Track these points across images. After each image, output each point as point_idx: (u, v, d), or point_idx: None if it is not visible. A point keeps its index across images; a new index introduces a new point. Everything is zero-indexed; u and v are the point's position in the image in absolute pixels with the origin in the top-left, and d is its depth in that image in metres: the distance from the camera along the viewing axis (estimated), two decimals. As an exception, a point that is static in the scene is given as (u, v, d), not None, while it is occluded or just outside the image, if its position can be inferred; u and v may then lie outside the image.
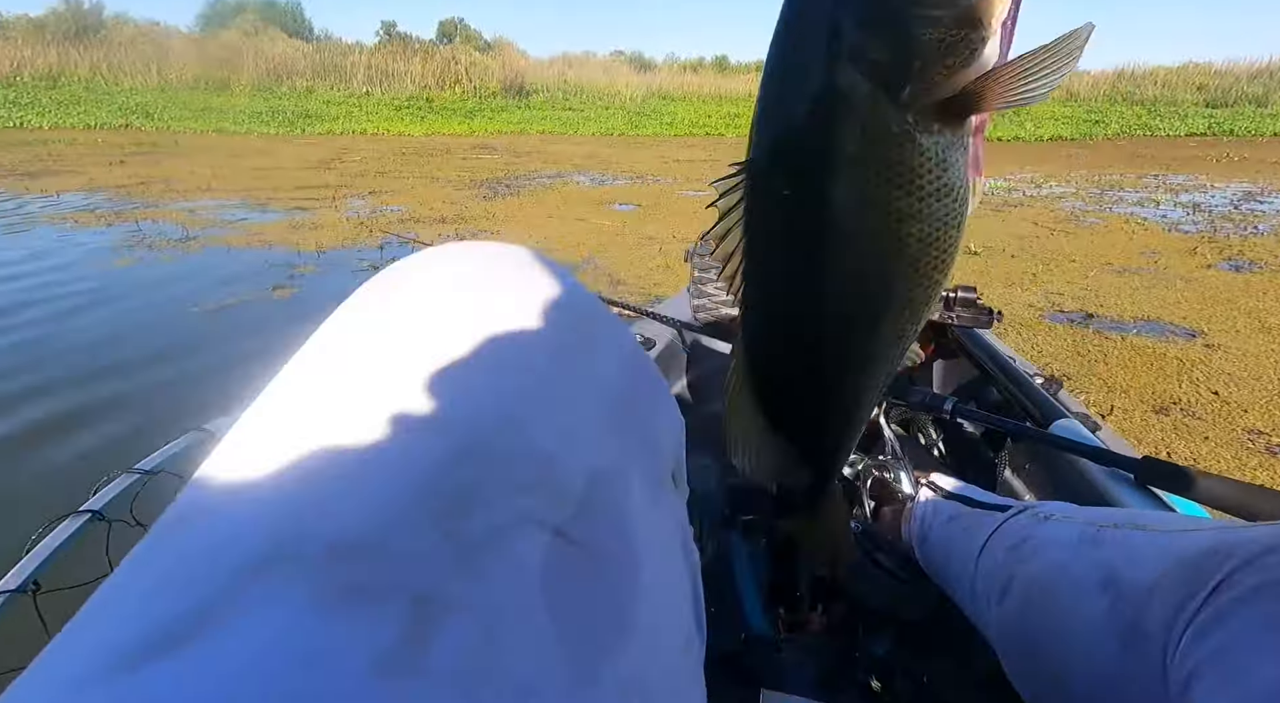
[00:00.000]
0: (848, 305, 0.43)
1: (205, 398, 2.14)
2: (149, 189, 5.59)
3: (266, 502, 0.21)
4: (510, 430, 0.24)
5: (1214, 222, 4.98)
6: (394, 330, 0.26)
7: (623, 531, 0.26)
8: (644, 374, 0.34)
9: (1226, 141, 12.07)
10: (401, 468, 0.21)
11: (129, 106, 12.61)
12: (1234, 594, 0.34)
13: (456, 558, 0.20)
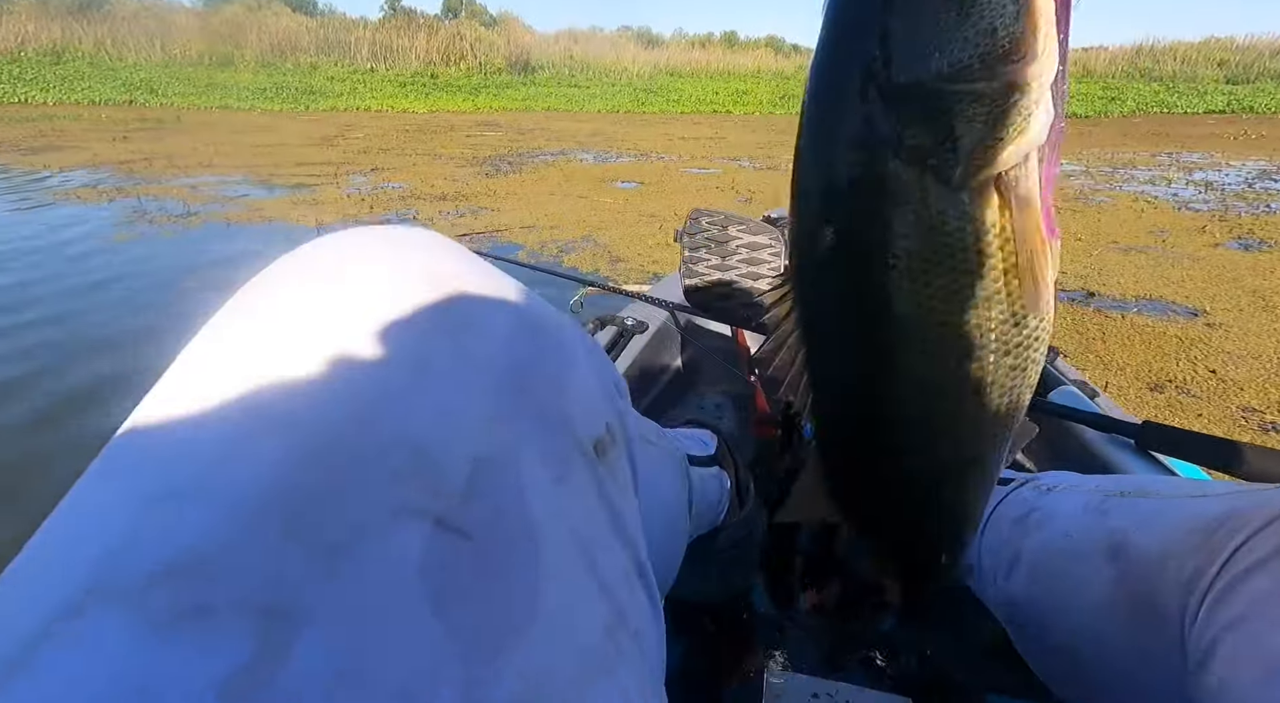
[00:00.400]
0: (931, 411, 0.40)
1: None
2: (152, 165, 5.60)
3: (92, 524, 0.19)
4: (373, 422, 0.22)
5: (1226, 200, 4.90)
6: (250, 338, 0.25)
7: (518, 512, 0.24)
8: (545, 341, 0.31)
9: (1245, 119, 11.81)
10: (246, 475, 0.20)
11: (133, 82, 12.58)
12: (1250, 561, 0.34)
13: (310, 563, 0.19)
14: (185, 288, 2.86)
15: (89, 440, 1.72)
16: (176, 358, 0.24)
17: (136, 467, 0.21)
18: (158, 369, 0.23)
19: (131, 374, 2.05)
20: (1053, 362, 1.20)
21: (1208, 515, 0.38)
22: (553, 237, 3.87)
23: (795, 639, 0.76)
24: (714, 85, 19.76)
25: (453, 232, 3.92)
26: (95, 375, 2.08)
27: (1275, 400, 1.93)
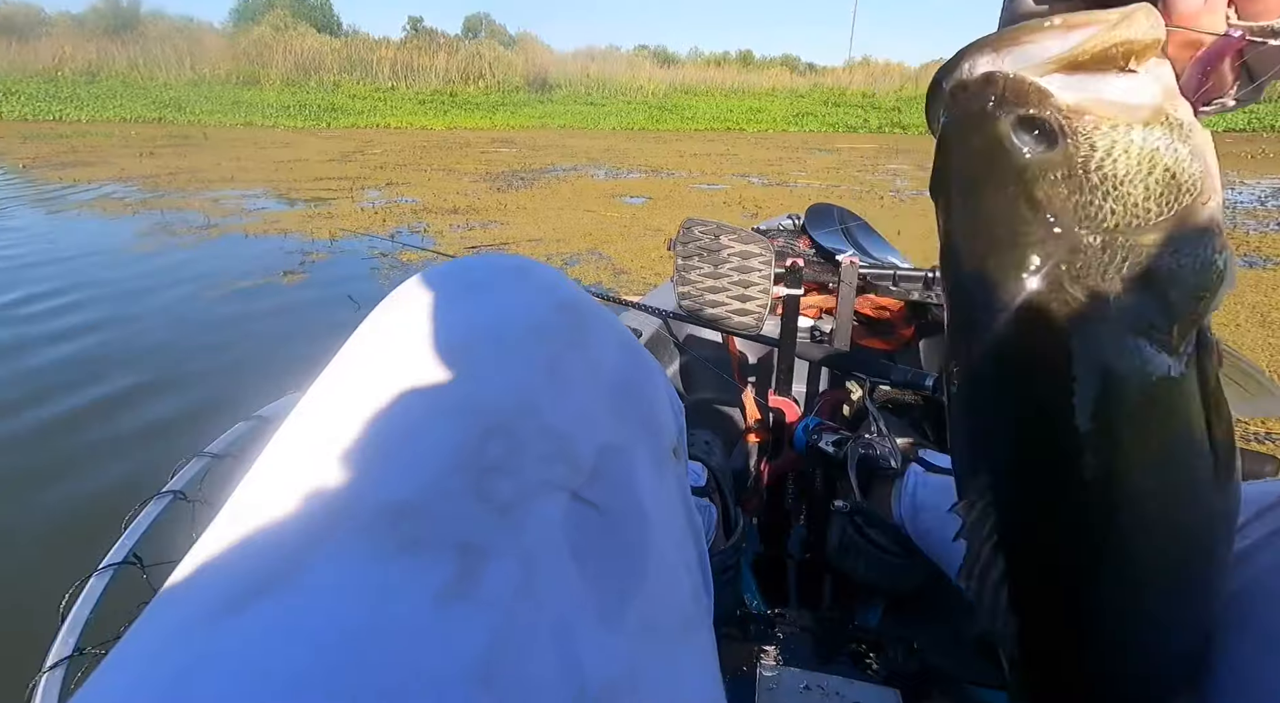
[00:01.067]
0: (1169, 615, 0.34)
1: (209, 370, 2.26)
2: (176, 179, 5.80)
3: (324, 477, 0.26)
4: (527, 413, 0.29)
5: (1236, 218, 4.88)
6: (418, 335, 0.31)
7: (631, 494, 0.31)
8: (641, 362, 0.39)
9: (1266, 137, 11.73)
10: (438, 445, 0.27)
11: (162, 100, 13.00)
12: (1247, 544, 0.37)
13: (491, 516, 0.25)
14: (197, 294, 2.98)
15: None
16: (357, 348, 0.32)
17: (351, 433, 0.27)
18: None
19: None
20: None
21: None
22: (559, 249, 3.96)
23: (787, 635, 0.79)
24: (729, 103, 19.98)
25: (461, 244, 4.02)
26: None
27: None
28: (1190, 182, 0.30)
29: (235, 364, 2.32)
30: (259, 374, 2.20)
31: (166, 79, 16.36)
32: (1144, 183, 0.30)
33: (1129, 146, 0.30)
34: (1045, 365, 0.32)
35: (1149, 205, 0.30)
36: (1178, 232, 0.30)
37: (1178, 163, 0.30)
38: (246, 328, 2.61)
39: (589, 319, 0.37)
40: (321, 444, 0.27)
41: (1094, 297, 0.30)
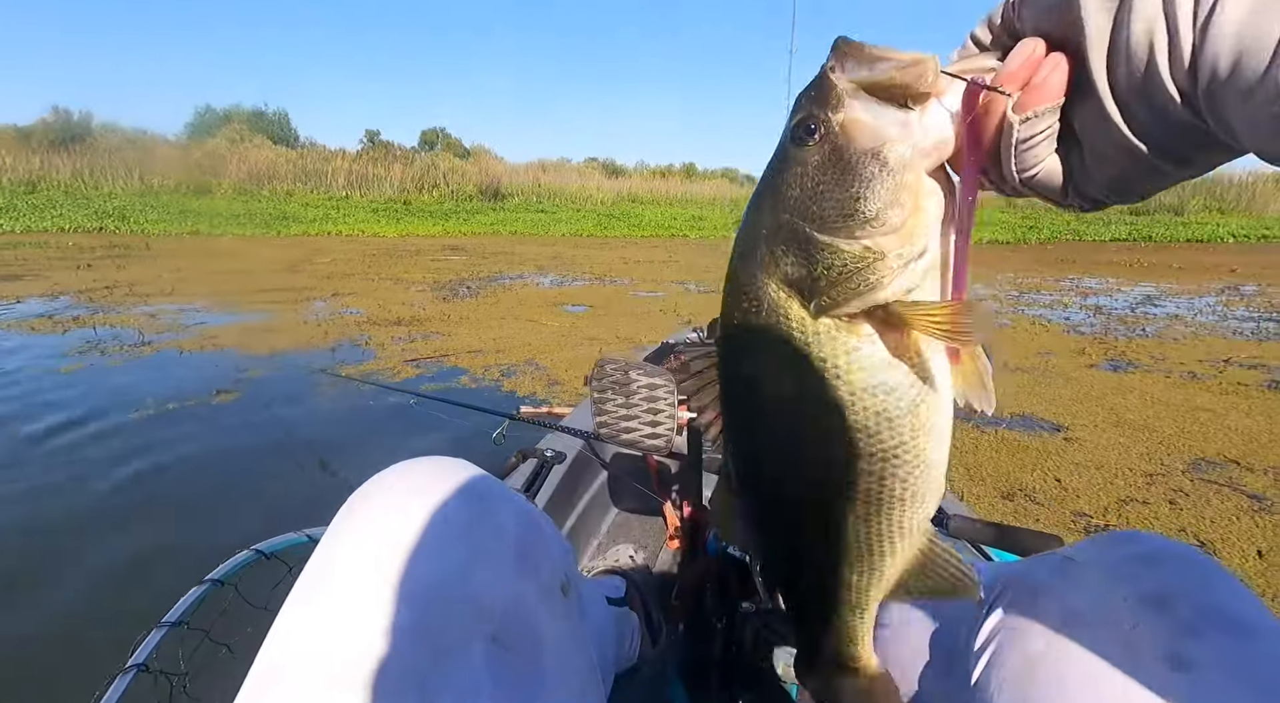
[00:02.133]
0: (804, 485, 0.45)
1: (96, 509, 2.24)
2: (112, 294, 5.77)
3: (320, 643, 0.43)
4: (455, 585, 0.47)
5: (1110, 324, 5.46)
6: (377, 537, 0.48)
7: (533, 631, 0.51)
8: (533, 523, 0.57)
9: (1144, 247, 13.14)
10: (398, 620, 0.43)
11: (105, 210, 12.97)
12: (1001, 606, 0.55)
13: (434, 660, 0.42)
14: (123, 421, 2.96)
15: None
16: (332, 549, 0.48)
17: (338, 613, 0.45)
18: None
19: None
20: None
21: (986, 581, 0.59)
22: (497, 361, 4.12)
23: None
24: (673, 211, 21.25)
25: (402, 356, 4.14)
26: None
27: (1103, 506, 2.19)
28: (876, 207, 0.37)
29: (142, 504, 2.22)
30: (166, 511, 2.17)
31: (112, 189, 16.38)
32: (842, 192, 0.37)
33: (848, 161, 0.37)
34: (739, 306, 0.42)
35: (835, 213, 0.37)
36: (846, 242, 0.37)
37: (873, 189, 0.36)
38: (158, 458, 2.54)
39: (495, 502, 0.54)
40: (318, 618, 0.44)
41: (776, 265, 0.39)
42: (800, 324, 0.40)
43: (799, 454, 0.44)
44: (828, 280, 0.38)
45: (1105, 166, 0.34)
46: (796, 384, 0.41)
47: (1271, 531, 2.03)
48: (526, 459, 1.48)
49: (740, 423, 0.46)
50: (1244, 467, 2.49)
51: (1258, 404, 3.24)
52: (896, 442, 0.41)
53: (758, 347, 0.42)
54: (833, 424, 0.41)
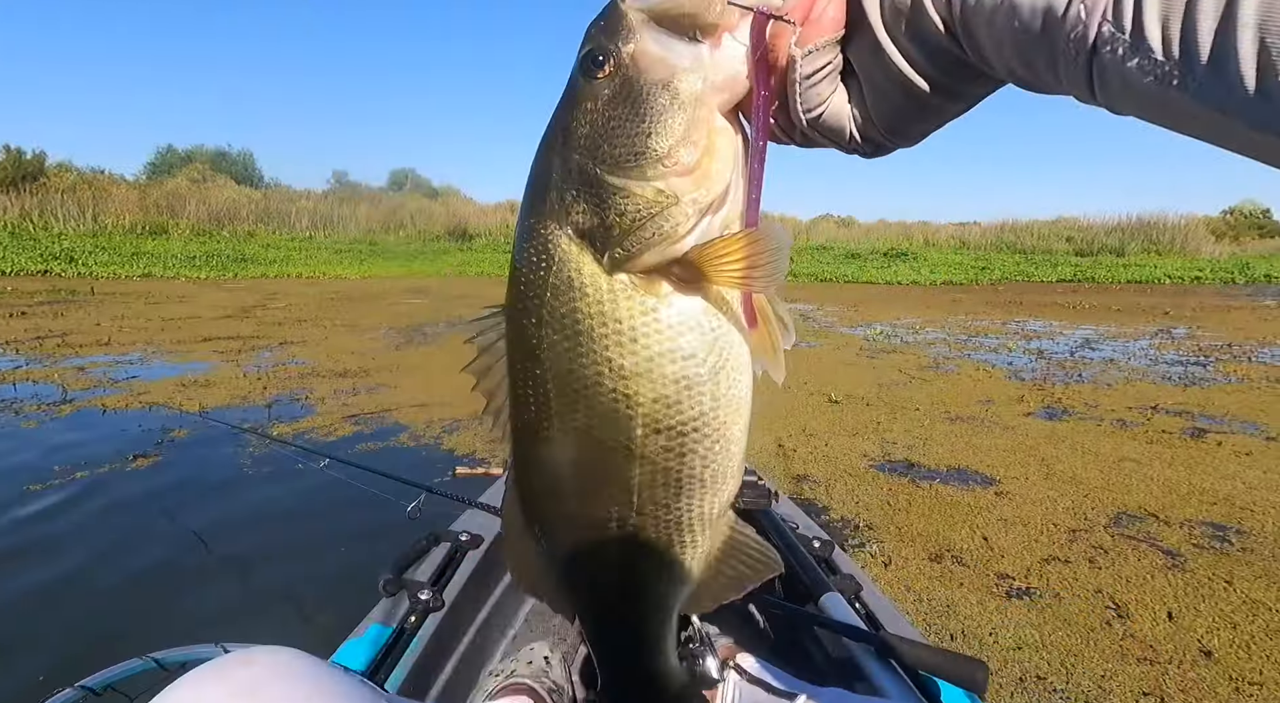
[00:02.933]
0: (600, 465, 0.42)
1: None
2: (43, 345, 5.55)
3: None
4: None
5: (1049, 369, 5.63)
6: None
7: None
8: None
9: (1088, 288, 13.70)
10: None
11: (52, 252, 12.59)
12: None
13: None
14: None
15: None
16: None
17: None
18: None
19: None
20: (829, 555, 1.39)
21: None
22: (442, 415, 4.04)
23: None
24: (636, 253, 21.49)
25: (343, 412, 4.03)
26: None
27: (1026, 567, 2.21)
28: (668, 143, 0.35)
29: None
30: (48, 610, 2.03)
31: (62, 230, 15.95)
32: (633, 127, 0.35)
33: (639, 94, 0.35)
34: (528, 262, 0.39)
35: (627, 151, 0.35)
36: (638, 183, 0.35)
37: (665, 123, 0.35)
38: (56, 538, 2.38)
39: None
40: None
41: (567, 213, 0.37)
42: (594, 281, 0.37)
43: (593, 430, 0.40)
44: (621, 229, 0.36)
45: (882, 104, 0.35)
46: (590, 350, 0.38)
47: (1183, 590, 2.07)
48: (439, 543, 1.42)
49: (528, 396, 0.42)
50: (1162, 520, 2.55)
51: (1179, 454, 3.34)
52: (697, 412, 0.39)
53: (547, 309, 0.38)
54: (630, 393, 0.38)
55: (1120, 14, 0.25)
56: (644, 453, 0.40)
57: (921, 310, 9.53)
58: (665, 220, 0.35)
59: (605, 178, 0.36)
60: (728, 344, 0.38)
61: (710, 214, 0.36)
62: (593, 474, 0.42)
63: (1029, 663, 1.77)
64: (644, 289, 0.37)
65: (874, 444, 3.50)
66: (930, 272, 15.79)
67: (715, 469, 0.41)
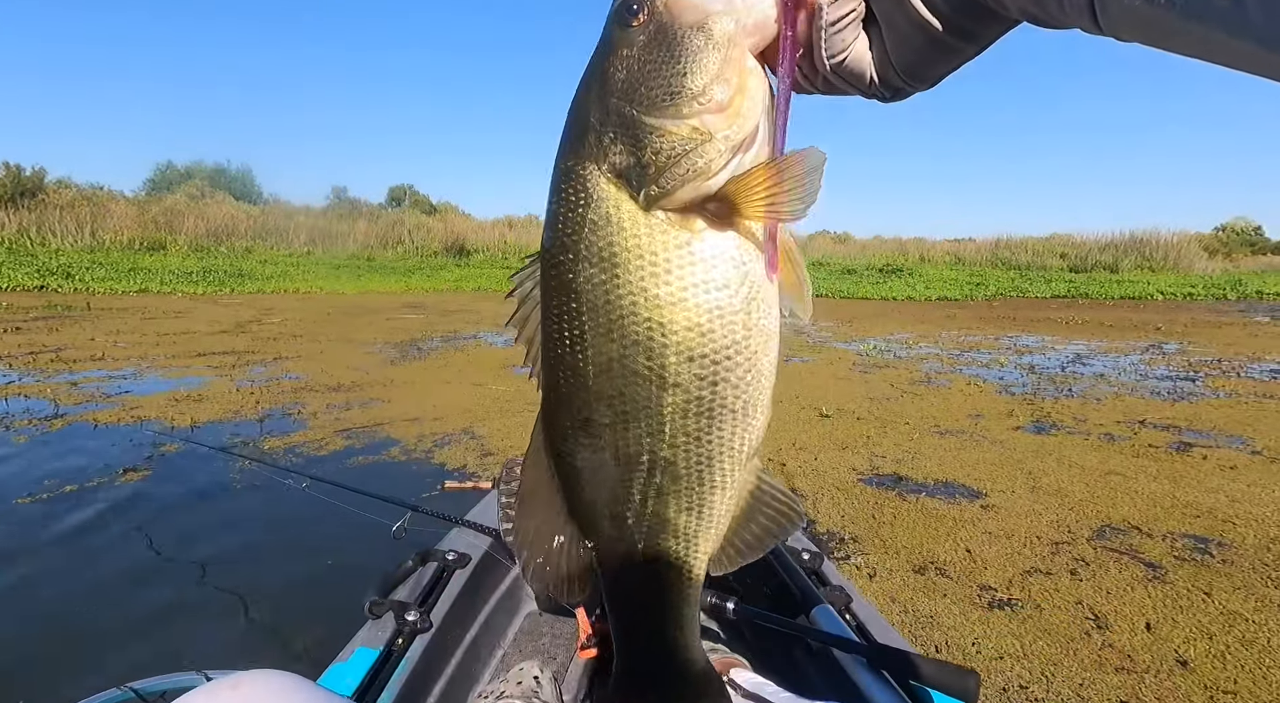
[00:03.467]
0: (634, 396, 0.42)
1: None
2: (36, 360, 5.56)
3: None
4: None
5: (1040, 383, 5.66)
6: None
7: None
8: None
9: (1082, 303, 13.77)
10: None
11: (49, 268, 12.62)
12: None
13: None
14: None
15: None
16: None
17: None
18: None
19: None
20: (819, 566, 1.40)
21: None
22: (433, 429, 4.05)
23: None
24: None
25: (335, 426, 4.05)
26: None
27: (1009, 578, 2.23)
28: (700, 84, 0.36)
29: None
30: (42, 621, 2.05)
31: (60, 245, 15.99)
32: (669, 69, 0.37)
33: (674, 37, 0.37)
34: (567, 201, 0.40)
35: (662, 92, 0.37)
36: (674, 122, 0.37)
37: (699, 62, 0.36)
38: (42, 552, 2.40)
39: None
40: None
41: (605, 154, 0.39)
42: (631, 216, 0.39)
43: (629, 360, 0.41)
44: (657, 166, 0.37)
45: (902, 47, 0.36)
46: (626, 281, 0.39)
47: (1162, 602, 2.09)
48: (425, 562, 1.40)
49: (564, 332, 0.42)
50: (1144, 533, 2.57)
51: (1164, 467, 3.37)
52: (730, 340, 0.40)
53: (585, 244, 0.40)
54: (665, 321, 0.39)
55: None
56: (677, 380, 0.41)
57: (916, 326, 9.58)
58: (700, 156, 0.37)
59: (642, 118, 0.37)
60: (758, 277, 0.40)
61: (741, 152, 0.38)
62: (626, 405, 0.42)
63: (1011, 673, 1.78)
64: (679, 224, 0.39)
65: (863, 458, 3.53)
66: (925, 287, 15.87)
67: (747, 399, 0.41)
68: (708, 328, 0.40)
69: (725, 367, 0.40)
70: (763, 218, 0.38)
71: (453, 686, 1.26)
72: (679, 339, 0.40)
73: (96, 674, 1.61)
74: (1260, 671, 1.75)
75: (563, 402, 0.45)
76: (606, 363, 0.42)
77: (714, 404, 0.41)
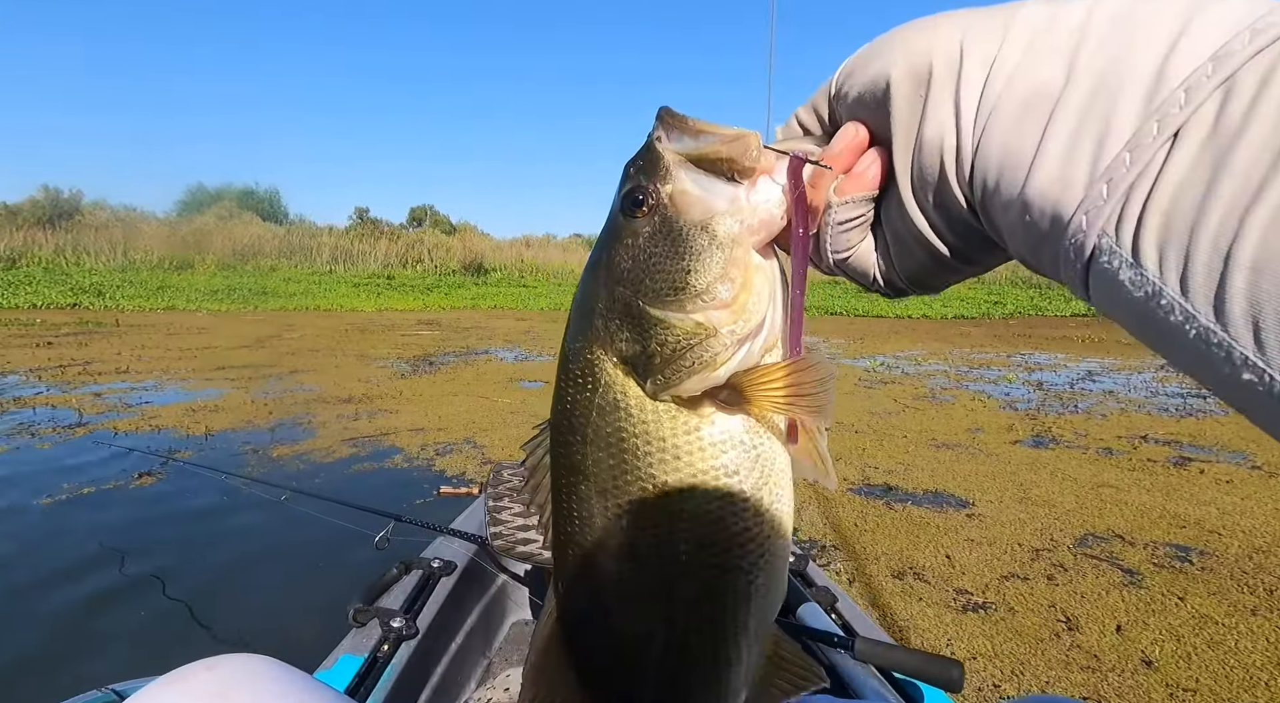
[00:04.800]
0: (643, 581, 0.42)
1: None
2: (64, 373, 5.80)
3: None
4: None
5: (1046, 399, 5.64)
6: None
7: None
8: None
9: (1101, 321, 13.57)
10: None
11: (82, 286, 13.09)
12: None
13: None
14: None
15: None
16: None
17: None
18: None
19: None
20: (804, 568, 1.41)
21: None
22: (436, 439, 4.17)
23: None
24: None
25: (342, 435, 4.18)
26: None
27: (985, 583, 2.25)
28: (705, 283, 0.37)
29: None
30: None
31: (94, 265, 16.57)
32: (672, 264, 0.37)
33: (677, 233, 0.37)
34: (574, 384, 0.40)
35: (666, 286, 0.37)
36: (678, 316, 0.37)
37: (703, 262, 0.36)
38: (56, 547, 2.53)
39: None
40: None
41: (611, 341, 0.39)
42: (639, 403, 0.39)
43: (637, 546, 0.41)
44: (662, 357, 0.37)
45: (905, 258, 0.37)
46: (634, 467, 0.39)
47: (1135, 606, 2.10)
48: (410, 570, 1.41)
49: (573, 512, 0.42)
50: (1127, 541, 2.58)
51: (1160, 480, 3.36)
52: (741, 527, 0.39)
53: (593, 428, 0.40)
54: (674, 511, 0.39)
55: (1121, 231, 0.25)
56: (686, 570, 0.40)
57: (927, 343, 9.55)
58: (705, 350, 0.37)
59: (647, 310, 0.38)
60: (770, 460, 0.39)
61: (749, 341, 0.38)
62: (635, 590, 0.42)
63: (984, 672, 1.81)
64: (688, 411, 0.38)
65: (855, 469, 3.56)
66: (942, 306, 15.79)
67: (759, 584, 0.41)
68: (717, 516, 0.39)
69: (736, 554, 0.40)
70: (774, 412, 0.38)
71: (439, 693, 1.27)
72: (687, 527, 0.39)
73: (78, 677, 1.71)
74: (1224, 670, 1.76)
75: (574, 576, 0.44)
76: (615, 547, 0.41)
77: (724, 590, 0.41)
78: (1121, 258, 0.25)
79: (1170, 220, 0.24)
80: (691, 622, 0.42)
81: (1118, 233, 0.25)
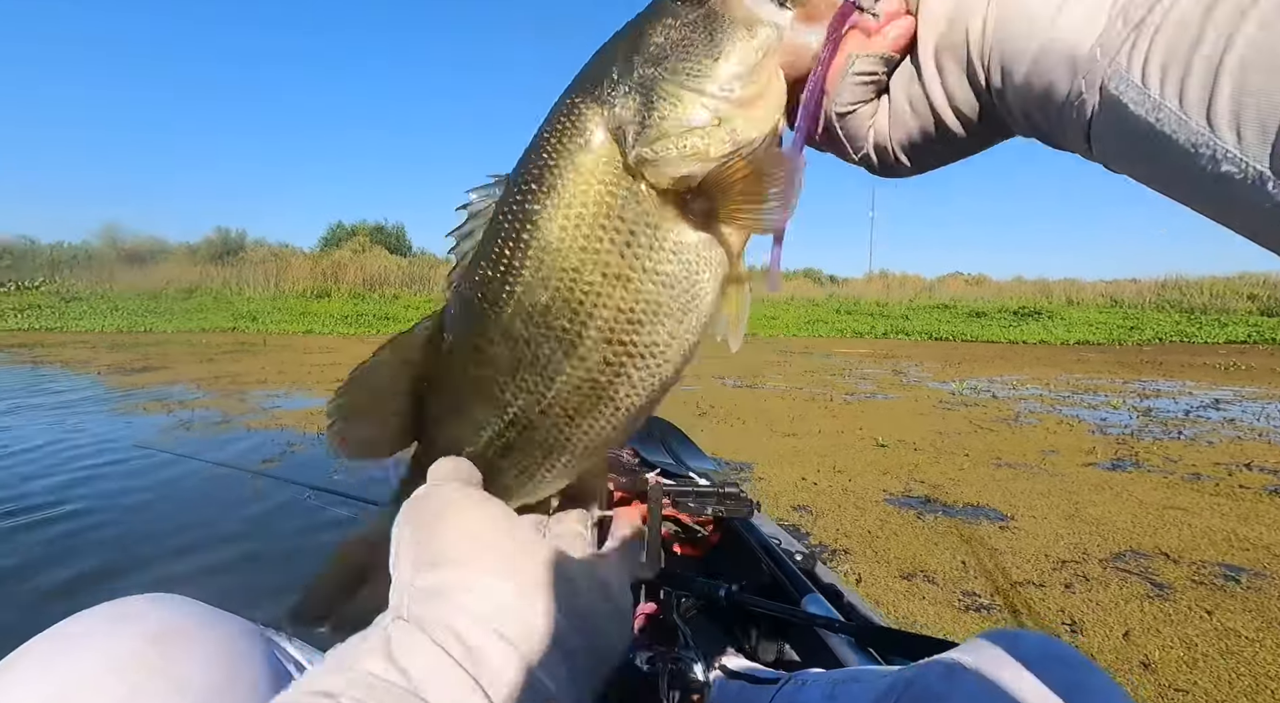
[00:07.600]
0: (536, 349, 0.41)
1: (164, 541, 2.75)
2: (218, 382, 6.83)
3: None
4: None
5: (1148, 425, 5.21)
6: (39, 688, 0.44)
7: None
8: (241, 657, 0.51)
9: (1260, 350, 11.91)
10: None
11: (241, 312, 15.14)
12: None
13: None
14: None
15: None
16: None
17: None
18: None
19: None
20: (812, 567, 1.47)
21: (884, 685, 0.64)
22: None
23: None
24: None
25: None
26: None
27: (992, 587, 2.24)
28: (731, 72, 0.37)
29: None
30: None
31: (252, 294, 19.05)
32: (704, 50, 0.37)
33: (719, 26, 0.38)
34: (556, 129, 0.40)
35: (691, 67, 0.37)
36: (689, 93, 0.37)
37: (734, 55, 0.37)
38: (205, 504, 3.06)
39: (180, 648, 0.48)
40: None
41: (613, 97, 0.38)
42: (615, 174, 0.38)
43: (550, 313, 0.40)
44: (659, 130, 0.37)
45: (904, 127, 0.37)
46: (584, 237, 0.38)
47: (1152, 616, 2.03)
48: None
49: (502, 255, 0.40)
50: (1172, 559, 2.45)
51: (1243, 507, 3.10)
52: (650, 340, 0.39)
53: (562, 183, 0.38)
54: (603, 294, 0.38)
55: (1131, 60, 0.27)
56: (585, 355, 0.39)
57: (1033, 368, 8.97)
58: (701, 138, 0.37)
59: (663, 82, 0.37)
60: (701, 294, 0.39)
61: (743, 150, 0.37)
62: (523, 352, 0.41)
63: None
64: (655, 202, 0.38)
65: (899, 482, 3.55)
66: (1066, 331, 14.63)
67: (631, 403, 0.41)
68: (637, 318, 0.38)
69: (634, 364, 0.39)
70: (739, 217, 0.37)
71: None
72: (608, 315, 0.39)
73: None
74: (1229, 677, 1.70)
75: (467, 316, 0.43)
76: (528, 305, 0.40)
77: (602, 393, 0.40)
78: (1129, 81, 0.27)
79: (1173, 46, 0.26)
80: (554, 408, 0.41)
81: (1129, 61, 0.27)
